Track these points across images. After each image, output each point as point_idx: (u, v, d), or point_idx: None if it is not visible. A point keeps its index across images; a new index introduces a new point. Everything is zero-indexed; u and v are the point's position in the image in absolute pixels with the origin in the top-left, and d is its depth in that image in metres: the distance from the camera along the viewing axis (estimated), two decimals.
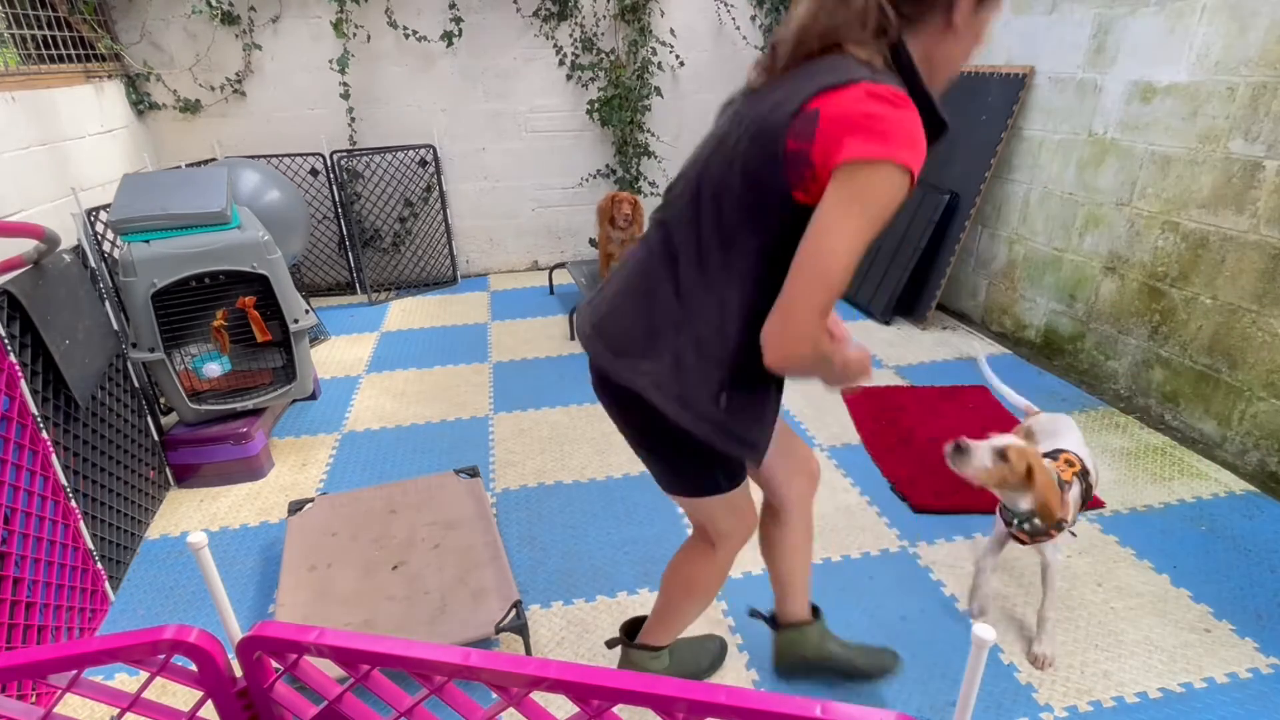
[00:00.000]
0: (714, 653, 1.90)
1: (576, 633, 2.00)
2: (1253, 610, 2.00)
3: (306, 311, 2.84)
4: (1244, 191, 2.51)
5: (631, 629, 1.77)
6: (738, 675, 1.85)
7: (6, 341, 1.89)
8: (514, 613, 1.86)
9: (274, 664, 0.98)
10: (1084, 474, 1.82)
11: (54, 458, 2.00)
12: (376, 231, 4.88)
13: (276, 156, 4.46)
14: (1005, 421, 2.95)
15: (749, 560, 2.24)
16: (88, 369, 2.27)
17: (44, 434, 1.97)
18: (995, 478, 1.65)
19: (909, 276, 3.92)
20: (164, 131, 4.37)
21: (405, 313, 4.52)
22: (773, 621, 1.82)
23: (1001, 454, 1.63)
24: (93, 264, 2.48)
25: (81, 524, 2.08)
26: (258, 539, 2.44)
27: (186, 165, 3.88)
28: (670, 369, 1.24)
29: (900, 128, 1.02)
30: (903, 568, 2.20)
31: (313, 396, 2.95)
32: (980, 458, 1.64)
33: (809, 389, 3.31)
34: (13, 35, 3.38)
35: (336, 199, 4.66)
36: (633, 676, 0.81)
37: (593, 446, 2.91)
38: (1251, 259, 2.51)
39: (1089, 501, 1.88)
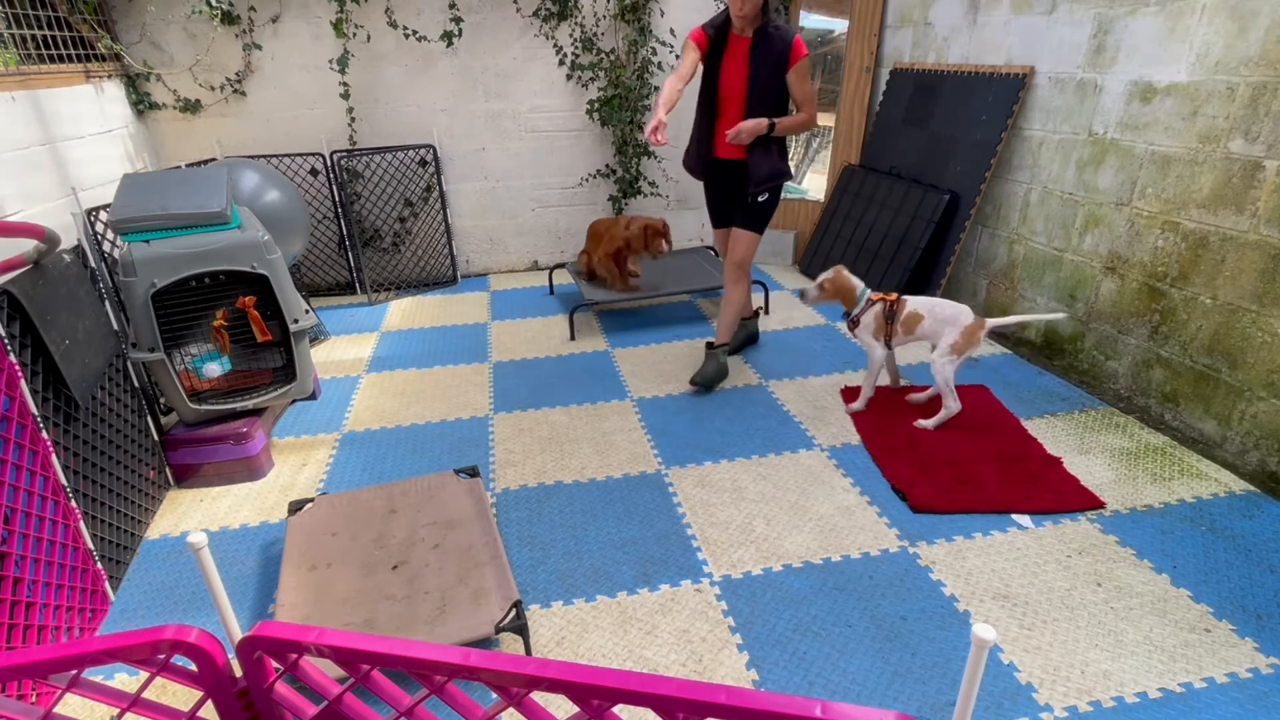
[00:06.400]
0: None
1: (576, 633, 2.00)
2: (1253, 610, 2.00)
3: (306, 311, 2.84)
4: (1244, 191, 2.51)
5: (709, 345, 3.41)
6: (738, 675, 1.85)
7: (6, 341, 1.89)
8: (514, 613, 1.86)
9: (274, 664, 0.98)
10: (895, 311, 2.91)
11: (54, 458, 2.00)
12: (376, 231, 4.88)
13: (276, 156, 4.46)
14: (1006, 420, 2.95)
15: (748, 560, 2.24)
16: (88, 369, 2.27)
17: (44, 434, 1.97)
18: (828, 294, 3.01)
19: (909, 277, 3.92)
20: (164, 131, 4.38)
21: (405, 313, 4.52)
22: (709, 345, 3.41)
23: (820, 285, 3.00)
24: (93, 264, 2.48)
25: (81, 524, 2.08)
26: (258, 539, 2.44)
27: (186, 165, 3.88)
28: None
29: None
30: (903, 568, 2.20)
31: (313, 396, 2.95)
32: (812, 291, 3.03)
33: (808, 393, 3.31)
34: (12, 35, 3.38)
35: (336, 199, 4.66)
36: (633, 676, 0.81)
37: (593, 446, 2.92)
38: (1251, 259, 2.51)
39: (892, 324, 2.94)
